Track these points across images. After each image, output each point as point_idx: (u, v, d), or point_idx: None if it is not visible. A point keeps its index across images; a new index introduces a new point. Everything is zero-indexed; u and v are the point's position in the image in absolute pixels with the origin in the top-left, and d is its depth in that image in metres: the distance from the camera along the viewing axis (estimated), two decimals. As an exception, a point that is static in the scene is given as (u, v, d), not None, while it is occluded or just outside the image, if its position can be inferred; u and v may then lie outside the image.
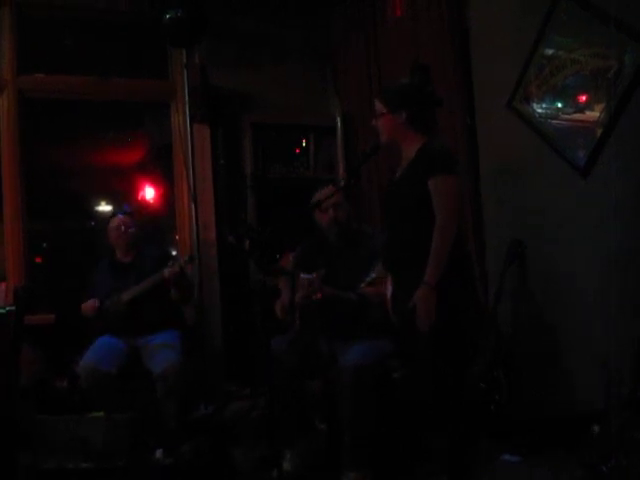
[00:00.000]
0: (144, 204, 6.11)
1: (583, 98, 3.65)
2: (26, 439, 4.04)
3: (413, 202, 3.03)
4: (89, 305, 4.34)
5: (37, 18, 5.09)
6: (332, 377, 3.68)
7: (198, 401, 4.46)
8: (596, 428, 3.00)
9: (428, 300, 2.89)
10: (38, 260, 6.34)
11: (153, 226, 5.71)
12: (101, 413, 4.15)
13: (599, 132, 3.51)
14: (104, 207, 7.50)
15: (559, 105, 3.79)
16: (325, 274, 3.62)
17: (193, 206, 5.10)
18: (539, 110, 3.90)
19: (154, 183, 6.05)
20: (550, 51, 3.82)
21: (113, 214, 4.69)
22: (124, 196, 6.71)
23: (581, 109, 3.66)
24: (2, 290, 4.87)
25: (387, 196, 3.34)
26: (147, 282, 4.29)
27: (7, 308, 3.91)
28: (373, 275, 3.39)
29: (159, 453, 3.92)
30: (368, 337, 3.65)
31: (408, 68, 4.46)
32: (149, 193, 6.05)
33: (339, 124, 5.38)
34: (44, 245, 6.79)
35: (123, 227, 4.51)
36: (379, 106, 3.21)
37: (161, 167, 5.85)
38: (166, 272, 4.23)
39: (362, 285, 3.46)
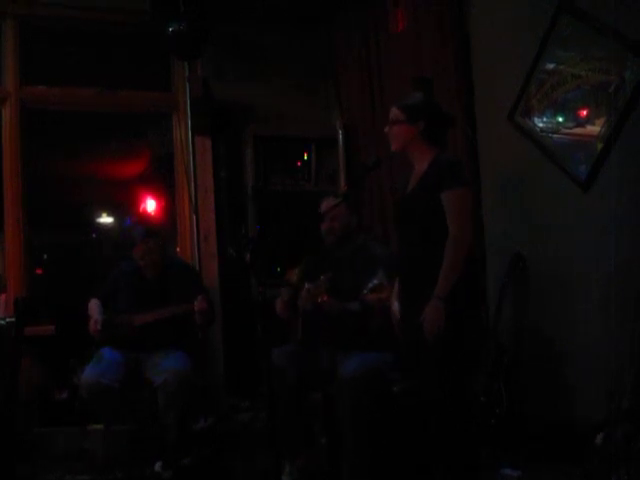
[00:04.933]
0: (145, 215, 6.12)
1: (584, 112, 3.66)
2: (25, 451, 4.04)
3: (426, 216, 3.04)
4: (92, 323, 4.15)
5: (40, 30, 5.10)
6: (332, 390, 3.67)
7: (198, 413, 4.44)
8: (598, 440, 3.00)
9: (438, 312, 2.89)
10: (39, 271, 6.36)
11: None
12: (101, 425, 4.16)
13: (600, 146, 3.52)
14: (105, 219, 7.53)
15: (560, 119, 3.80)
16: (331, 280, 3.64)
17: (194, 218, 5.12)
18: (540, 124, 3.91)
19: (155, 194, 6.06)
20: (551, 65, 3.83)
21: (140, 237, 4.39)
22: (126, 208, 6.74)
23: (582, 123, 3.67)
24: (2, 301, 4.87)
25: (398, 211, 3.32)
26: (169, 310, 4.15)
27: (7, 319, 3.91)
28: (375, 282, 3.39)
29: (159, 466, 3.91)
30: (369, 348, 3.65)
31: (410, 80, 4.48)
32: (150, 204, 6.06)
33: (340, 136, 5.39)
34: (45, 256, 6.81)
35: (147, 256, 4.30)
36: (397, 114, 3.19)
37: (163, 179, 5.86)
38: (196, 306, 4.08)
39: (365, 292, 3.45)
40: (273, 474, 3.22)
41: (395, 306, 3.28)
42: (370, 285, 3.41)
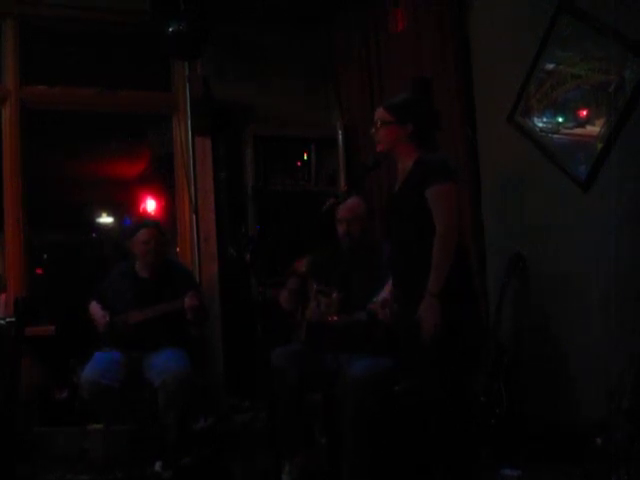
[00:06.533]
0: (145, 215, 6.13)
1: (584, 113, 3.66)
2: (25, 450, 4.04)
3: (413, 214, 3.04)
4: (99, 319, 4.21)
5: (40, 30, 5.10)
6: (333, 392, 3.67)
7: (198, 413, 4.44)
8: (598, 441, 3.00)
9: (432, 309, 2.90)
10: (39, 271, 6.36)
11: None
12: (101, 425, 4.16)
13: (600, 147, 3.52)
14: (105, 219, 7.53)
15: (560, 119, 3.81)
16: (337, 287, 3.63)
17: (194, 218, 5.11)
18: (540, 124, 3.91)
19: (155, 195, 6.07)
20: (551, 65, 3.83)
21: (141, 225, 4.42)
22: (126, 208, 6.75)
23: (582, 124, 3.67)
24: (2, 301, 4.87)
25: (388, 211, 3.34)
26: (160, 308, 4.14)
27: (7, 319, 3.91)
28: (385, 293, 3.38)
29: (159, 465, 3.91)
30: (372, 353, 3.64)
31: (409, 81, 4.48)
32: (150, 205, 6.06)
33: (340, 136, 5.38)
34: (45, 256, 6.81)
35: (153, 242, 4.28)
36: (384, 115, 3.19)
37: (163, 179, 5.86)
38: (186, 302, 4.08)
39: (374, 300, 3.44)
40: (273, 474, 3.23)
41: (386, 294, 3.28)
42: (380, 296, 3.40)
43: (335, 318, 3.62)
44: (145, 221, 4.44)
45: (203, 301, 4.27)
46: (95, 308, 4.28)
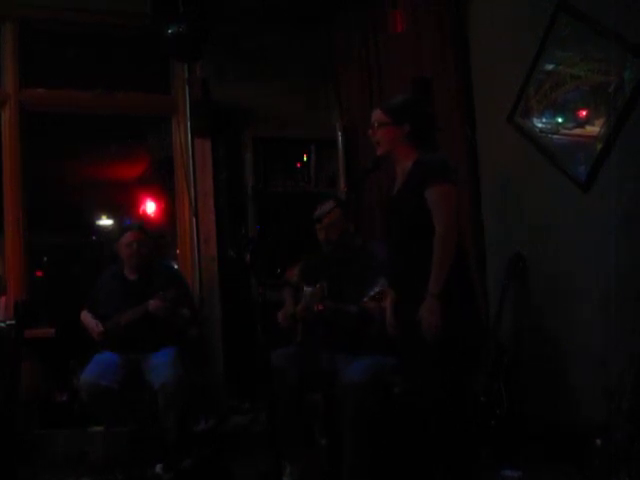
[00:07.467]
0: (145, 218, 6.12)
1: (583, 113, 3.66)
2: (25, 452, 4.04)
3: (413, 215, 3.04)
4: (93, 327, 4.20)
5: (40, 32, 5.09)
6: (333, 392, 3.67)
7: (199, 415, 4.44)
8: (598, 441, 3.00)
9: (434, 310, 2.90)
10: (39, 274, 6.36)
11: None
12: (101, 427, 4.16)
13: (599, 147, 3.52)
14: (105, 221, 7.53)
15: (559, 120, 3.81)
16: (328, 288, 3.63)
17: (194, 220, 5.11)
18: (539, 125, 3.92)
19: (155, 197, 6.06)
20: (550, 66, 3.84)
21: (125, 228, 4.46)
22: (125, 210, 6.75)
23: (581, 124, 3.67)
24: (2, 304, 4.87)
25: (387, 212, 3.34)
26: (138, 310, 4.13)
27: (7, 322, 3.91)
28: (377, 289, 3.38)
29: (159, 468, 3.90)
30: (369, 353, 3.64)
31: (409, 81, 4.48)
32: (150, 207, 6.06)
33: (340, 137, 5.38)
34: (44, 259, 6.81)
35: (136, 245, 4.30)
36: (381, 117, 3.19)
37: (162, 181, 5.86)
38: (150, 305, 4.08)
39: (365, 299, 3.45)
40: (274, 475, 3.22)
41: (389, 303, 3.28)
42: (371, 293, 3.40)
43: (321, 307, 3.63)
44: (129, 224, 4.41)
45: (175, 301, 4.20)
46: (87, 318, 4.28)
